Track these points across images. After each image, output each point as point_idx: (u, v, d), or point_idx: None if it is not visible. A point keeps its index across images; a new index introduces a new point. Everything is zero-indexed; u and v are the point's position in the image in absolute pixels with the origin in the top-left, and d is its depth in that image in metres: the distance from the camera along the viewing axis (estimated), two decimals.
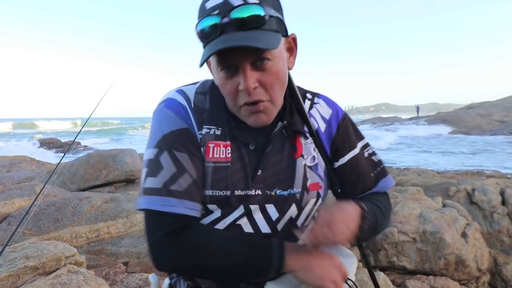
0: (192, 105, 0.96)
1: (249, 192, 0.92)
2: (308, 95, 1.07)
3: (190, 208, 0.89)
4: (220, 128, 0.95)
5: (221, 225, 0.94)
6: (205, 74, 1.00)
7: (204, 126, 0.95)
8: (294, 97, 1.01)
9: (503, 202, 5.01)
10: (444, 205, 4.79)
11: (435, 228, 4.03)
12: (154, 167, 0.90)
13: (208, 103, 0.97)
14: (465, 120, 31.39)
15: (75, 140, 2.66)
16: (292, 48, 0.93)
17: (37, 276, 2.17)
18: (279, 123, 0.97)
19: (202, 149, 0.93)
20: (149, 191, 0.88)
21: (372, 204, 1.00)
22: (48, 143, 21.48)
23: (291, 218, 0.97)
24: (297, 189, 0.97)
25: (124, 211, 3.63)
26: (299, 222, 0.99)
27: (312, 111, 1.04)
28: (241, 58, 0.82)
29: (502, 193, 5.14)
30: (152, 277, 1.09)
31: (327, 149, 1.03)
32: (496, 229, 4.79)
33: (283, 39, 0.88)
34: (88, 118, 2.50)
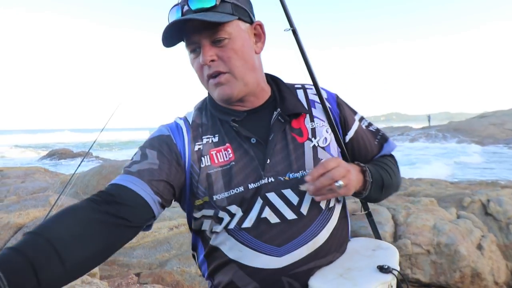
0: (190, 122, 1.07)
1: (262, 181, 0.98)
2: (297, 85, 1.16)
3: (127, 180, 0.91)
4: (216, 135, 1.03)
5: (248, 223, 0.98)
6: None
7: (203, 137, 1.04)
8: (281, 84, 1.13)
9: None
10: (458, 216, 4.71)
11: (450, 240, 3.97)
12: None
13: (205, 117, 1.08)
14: (477, 129, 30.98)
15: (89, 151, 2.69)
16: (259, 35, 1.05)
17: None
18: (275, 112, 1.05)
19: (205, 158, 1.00)
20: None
21: (374, 165, 1.10)
22: (60, 154, 21.77)
23: (313, 201, 0.99)
24: (309, 170, 1.00)
25: None
26: (323, 205, 1.02)
27: (310, 97, 1.12)
28: (200, 37, 0.95)
29: None
30: None
31: (338, 125, 1.10)
32: None
33: (244, 24, 0.99)
34: (102, 130, 2.53)
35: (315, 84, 1.09)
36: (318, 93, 1.08)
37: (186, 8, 0.94)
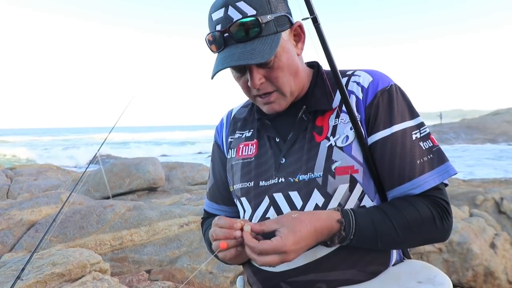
0: (231, 117, 1.16)
1: (273, 181, 0.97)
2: (348, 73, 1.01)
3: (208, 206, 1.20)
4: (251, 130, 1.08)
5: (254, 221, 0.98)
6: None
7: (237, 132, 1.11)
8: (319, 76, 1.04)
9: None
10: (471, 215, 4.65)
11: (462, 238, 3.91)
12: None
13: (246, 113, 1.12)
14: (491, 127, 30.51)
15: (100, 148, 2.71)
16: (299, 35, 0.97)
17: (63, 283, 2.21)
18: (301, 110, 0.99)
19: (232, 150, 1.10)
20: None
21: (377, 213, 0.88)
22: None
23: (316, 206, 0.91)
24: (317, 172, 0.92)
25: (147, 219, 3.67)
26: None
27: (349, 86, 0.97)
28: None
29: None
30: (239, 280, 1.11)
31: (362, 122, 0.94)
32: None
33: (286, 32, 0.93)
34: (112, 129, 2.54)
35: (336, 77, 0.94)
36: (339, 85, 0.93)
37: (227, 35, 0.89)
